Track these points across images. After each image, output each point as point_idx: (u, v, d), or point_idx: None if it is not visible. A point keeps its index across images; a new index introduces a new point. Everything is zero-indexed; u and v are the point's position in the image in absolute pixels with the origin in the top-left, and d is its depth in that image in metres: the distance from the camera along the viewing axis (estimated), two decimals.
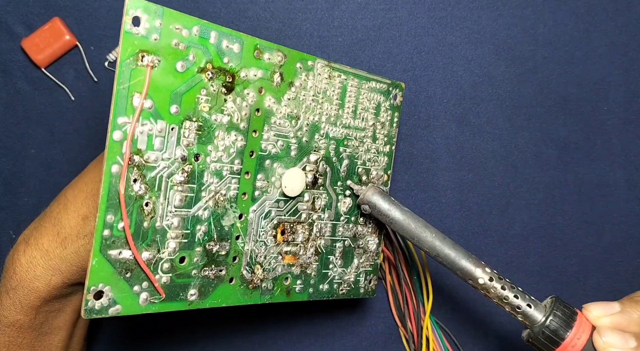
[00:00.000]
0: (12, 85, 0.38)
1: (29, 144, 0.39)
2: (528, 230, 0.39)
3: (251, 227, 0.28)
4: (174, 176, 0.24)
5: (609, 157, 0.39)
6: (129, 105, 0.23)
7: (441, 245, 0.29)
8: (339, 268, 0.32)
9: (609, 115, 0.39)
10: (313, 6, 0.39)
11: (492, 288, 0.28)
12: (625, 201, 0.39)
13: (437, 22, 0.39)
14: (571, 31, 0.39)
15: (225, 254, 0.27)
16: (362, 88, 0.32)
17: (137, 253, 0.23)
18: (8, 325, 0.28)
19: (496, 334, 0.39)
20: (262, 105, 0.27)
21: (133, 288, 0.23)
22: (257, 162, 0.27)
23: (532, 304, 0.27)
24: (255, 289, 0.28)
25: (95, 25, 0.38)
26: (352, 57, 0.39)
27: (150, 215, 0.24)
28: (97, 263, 0.22)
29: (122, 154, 0.23)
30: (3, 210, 0.39)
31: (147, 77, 0.23)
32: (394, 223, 0.29)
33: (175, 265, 0.25)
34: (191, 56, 0.24)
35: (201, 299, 0.26)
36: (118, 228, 0.23)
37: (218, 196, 0.26)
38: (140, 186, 0.23)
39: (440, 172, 0.39)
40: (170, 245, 0.25)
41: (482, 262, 0.28)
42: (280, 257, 0.29)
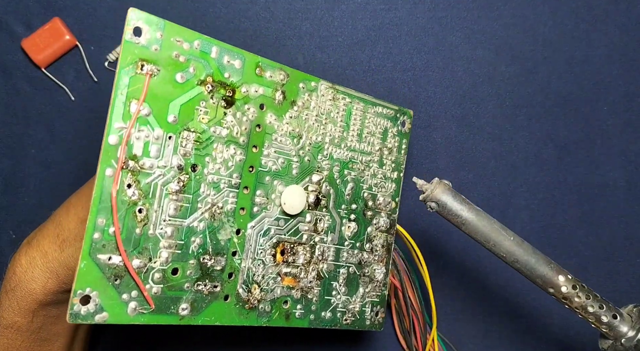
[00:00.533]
0: (12, 85, 0.38)
1: (29, 144, 0.39)
2: (528, 230, 0.39)
3: (249, 243, 0.27)
4: (169, 184, 0.24)
5: (609, 157, 0.39)
6: (126, 111, 0.23)
7: (520, 249, 0.26)
8: (342, 295, 0.31)
9: (609, 115, 0.39)
10: (313, 6, 0.39)
11: (575, 297, 0.25)
12: (625, 201, 0.39)
13: (437, 22, 0.39)
14: (571, 31, 0.39)
15: (220, 269, 0.26)
16: (368, 112, 0.32)
17: (127, 260, 0.23)
18: (6, 326, 0.28)
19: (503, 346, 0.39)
20: (263, 121, 0.27)
21: (122, 296, 0.23)
22: (256, 178, 0.27)
23: (618, 315, 0.25)
24: (252, 310, 0.27)
25: (95, 25, 0.38)
26: (352, 57, 0.39)
27: (143, 222, 0.24)
28: (85, 267, 0.22)
29: (117, 158, 0.23)
30: (3, 209, 0.39)
31: (146, 85, 0.23)
32: (466, 224, 0.26)
33: (167, 276, 0.24)
34: (191, 68, 0.25)
35: (193, 315, 0.25)
36: (109, 232, 0.23)
37: (215, 208, 0.26)
38: (135, 191, 0.23)
39: (440, 172, 0.39)
40: (163, 255, 0.24)
41: (564, 269, 0.26)
42: (280, 278, 0.28)
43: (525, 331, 0.39)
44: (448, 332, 0.39)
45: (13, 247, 0.39)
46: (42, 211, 0.39)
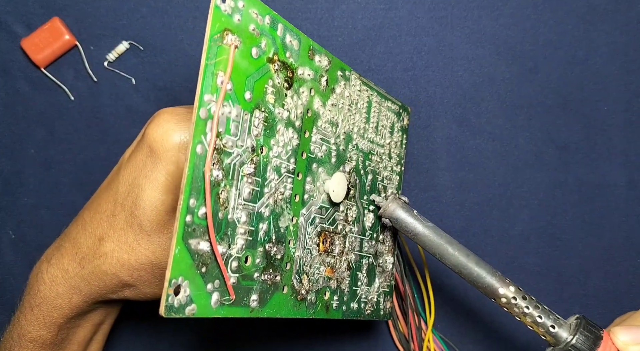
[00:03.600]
0: (12, 85, 0.38)
1: (29, 144, 0.39)
2: (528, 230, 0.39)
3: (301, 232, 0.26)
4: (244, 166, 0.23)
5: (610, 157, 0.39)
6: (214, 83, 0.21)
7: (465, 261, 0.28)
8: (365, 286, 0.31)
9: (610, 115, 0.39)
10: (313, 6, 0.39)
11: (516, 306, 0.27)
12: (626, 201, 0.39)
13: (438, 21, 0.39)
14: (572, 31, 0.39)
15: (280, 258, 0.25)
16: (382, 106, 0.32)
17: (216, 246, 0.21)
18: (31, 340, 0.29)
19: (503, 346, 0.39)
20: (312, 107, 0.27)
21: (207, 286, 0.21)
22: (307, 164, 0.26)
23: (556, 324, 0.27)
24: (303, 301, 0.26)
25: (94, 25, 0.38)
26: (353, 57, 0.39)
27: (224, 205, 0.22)
28: (179, 253, 0.20)
29: (206, 134, 0.21)
30: (2, 210, 0.39)
31: (231, 58, 0.22)
32: (416, 238, 0.29)
33: (242, 265, 0.23)
34: (263, 44, 0.23)
35: (260, 307, 0.24)
36: (199, 214, 0.21)
37: (277, 194, 0.25)
38: (219, 172, 0.22)
39: (441, 172, 0.39)
40: (239, 242, 0.23)
41: (507, 279, 0.28)
42: (323, 267, 0.27)
43: (525, 331, 0.39)
44: (448, 332, 0.39)
45: (13, 247, 0.39)
46: (41, 211, 0.39)
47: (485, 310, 0.39)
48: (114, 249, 0.27)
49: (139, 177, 0.27)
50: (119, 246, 0.27)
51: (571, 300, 0.39)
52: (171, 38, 0.38)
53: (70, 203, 0.39)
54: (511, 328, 0.39)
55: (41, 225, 0.39)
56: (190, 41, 0.38)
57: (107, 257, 0.27)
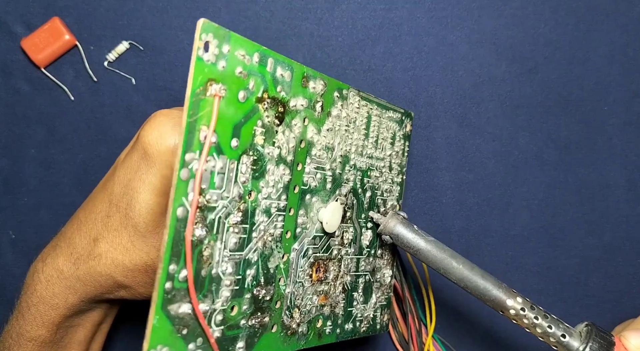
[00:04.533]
0: (12, 85, 0.38)
1: (29, 144, 0.39)
2: (528, 230, 0.39)
3: (292, 267, 0.26)
4: (230, 216, 0.22)
5: (610, 157, 0.39)
6: (196, 140, 0.20)
7: (470, 275, 0.28)
8: (360, 304, 0.30)
9: (610, 115, 0.39)
10: (313, 6, 0.39)
11: (525, 318, 0.27)
12: (626, 201, 0.39)
13: (438, 21, 0.39)
14: (572, 31, 0.39)
15: (269, 299, 0.24)
16: (383, 117, 0.31)
17: (198, 307, 0.21)
18: (29, 339, 0.29)
19: (503, 349, 0.39)
20: (305, 137, 0.26)
21: (188, 347, 0.20)
22: (299, 197, 0.26)
23: (566, 333, 0.27)
24: (293, 335, 0.26)
25: (94, 25, 0.38)
26: (352, 57, 0.39)
27: (208, 262, 0.21)
28: (158, 322, 0.19)
29: (187, 195, 0.20)
30: (2, 210, 0.39)
31: (215, 109, 0.21)
32: (418, 253, 0.28)
33: (227, 316, 0.22)
34: (251, 85, 0.22)
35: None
36: (179, 278, 0.20)
37: (267, 236, 0.24)
38: (202, 230, 0.21)
39: (441, 172, 0.39)
40: (224, 294, 0.22)
41: (513, 291, 0.27)
42: (316, 297, 0.27)
43: (524, 335, 0.39)
44: (448, 333, 0.39)
45: (13, 247, 0.39)
46: (41, 211, 0.39)
47: (484, 313, 0.39)
48: (109, 250, 0.27)
49: (133, 179, 0.27)
50: (114, 247, 0.27)
51: (571, 300, 0.39)
52: (171, 38, 0.38)
53: (70, 203, 0.39)
54: (510, 331, 0.39)
55: (41, 225, 0.39)
56: (190, 41, 0.38)
57: (101, 257, 0.27)
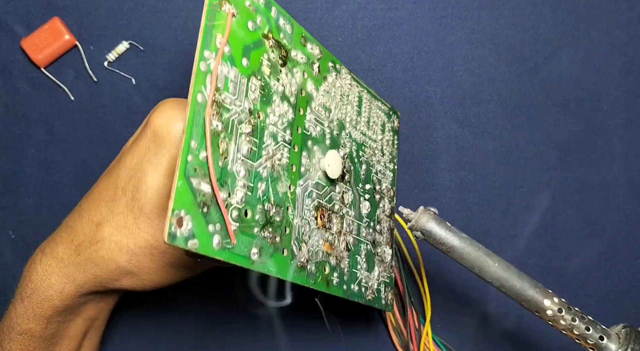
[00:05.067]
0: (12, 85, 0.38)
1: (28, 144, 0.39)
2: (529, 230, 0.39)
3: (299, 201, 0.27)
4: (242, 124, 0.24)
5: (610, 157, 0.39)
6: (213, 43, 0.23)
7: (505, 275, 0.26)
8: (364, 271, 0.31)
9: (610, 115, 0.39)
10: (313, 6, 0.39)
11: (561, 319, 0.26)
12: (626, 201, 0.39)
13: (438, 21, 0.39)
14: (572, 31, 0.39)
15: (279, 221, 0.25)
16: (372, 104, 0.33)
17: (217, 187, 0.22)
18: (20, 332, 0.28)
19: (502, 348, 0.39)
20: (305, 88, 0.28)
21: (208, 227, 0.22)
22: (302, 139, 0.27)
23: (604, 335, 0.26)
24: (302, 269, 0.26)
25: (94, 25, 0.38)
26: (352, 57, 0.39)
27: (224, 155, 0.23)
28: (181, 186, 0.21)
29: (206, 85, 0.22)
30: (2, 210, 0.39)
31: (229, 22, 0.23)
32: (452, 252, 0.27)
33: (242, 216, 0.23)
34: (258, 20, 0.25)
35: (261, 262, 0.24)
36: (200, 157, 0.21)
37: (274, 159, 0.26)
38: (218, 123, 0.23)
39: (441, 172, 0.39)
40: (239, 194, 0.23)
41: (549, 291, 0.27)
42: (322, 241, 0.28)
43: (526, 332, 0.39)
44: (448, 333, 0.39)
45: (13, 247, 0.39)
46: (41, 211, 0.39)
47: (483, 313, 0.39)
48: (112, 233, 0.27)
49: (142, 161, 0.27)
50: (118, 230, 0.27)
51: (571, 300, 0.39)
52: (171, 38, 0.38)
53: (70, 203, 0.38)
54: (510, 329, 0.39)
55: (41, 225, 0.39)
56: (191, 41, 0.38)
57: (105, 241, 0.27)
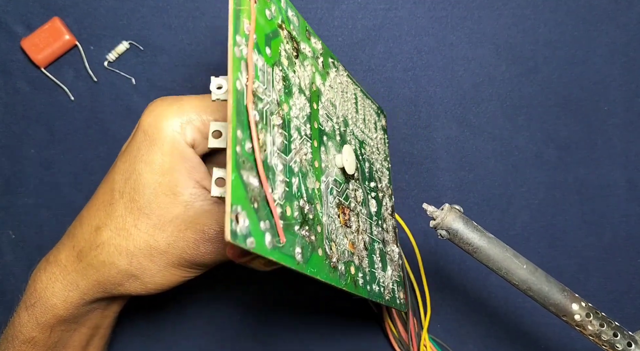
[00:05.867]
0: (12, 85, 0.38)
1: (29, 144, 0.39)
2: (529, 230, 0.39)
3: (324, 198, 0.25)
4: (273, 116, 0.23)
5: (610, 157, 0.39)
6: (242, 28, 0.22)
7: (533, 278, 0.26)
8: (380, 271, 0.30)
9: (610, 115, 0.39)
10: (313, 6, 0.39)
11: (589, 324, 0.25)
12: (626, 201, 0.39)
13: (438, 21, 0.39)
14: (572, 31, 0.39)
15: (312, 218, 0.24)
16: (365, 102, 0.33)
17: (266, 180, 0.20)
18: (24, 341, 0.28)
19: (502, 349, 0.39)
20: (315, 81, 0.27)
21: (260, 224, 0.20)
22: (319, 134, 0.26)
23: (632, 341, 0.25)
24: (335, 269, 0.25)
25: (94, 25, 0.38)
26: (352, 57, 0.39)
27: (263, 148, 0.21)
28: (235, 180, 0.19)
29: (242, 72, 0.21)
30: (2, 210, 0.39)
31: (253, 7, 0.23)
32: (478, 252, 0.26)
33: (284, 213, 0.22)
34: (273, 9, 0.25)
35: (304, 262, 0.22)
36: (246, 148, 0.20)
37: (302, 154, 0.24)
38: (255, 112, 0.21)
39: (441, 172, 0.39)
40: (279, 189, 0.22)
41: (577, 296, 0.26)
42: (346, 240, 0.26)
43: (525, 332, 0.39)
44: (447, 333, 0.39)
45: (13, 247, 0.39)
46: (41, 211, 0.39)
47: (482, 314, 0.39)
48: (111, 236, 0.27)
49: (135, 162, 0.27)
50: (116, 233, 0.27)
51: None
52: (171, 38, 0.38)
53: (70, 203, 0.39)
54: (510, 331, 0.39)
55: (41, 225, 0.39)
56: (190, 41, 0.38)
57: (104, 245, 0.27)
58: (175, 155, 0.27)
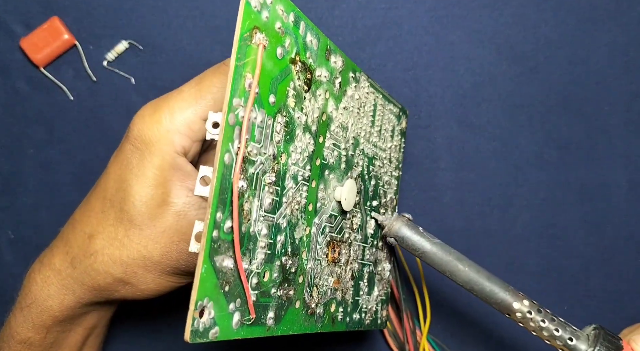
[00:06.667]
0: (11, 84, 0.38)
1: (28, 144, 0.39)
2: (529, 230, 0.39)
3: (313, 242, 0.25)
4: (266, 175, 0.21)
5: (611, 157, 0.39)
6: (242, 87, 0.20)
7: (476, 277, 0.27)
8: (365, 295, 0.30)
9: (611, 115, 0.39)
10: (313, 5, 0.39)
11: (532, 321, 0.27)
12: (627, 201, 0.39)
13: (438, 21, 0.39)
14: (573, 30, 0.39)
15: (294, 272, 0.24)
16: (385, 108, 0.32)
17: (241, 261, 0.20)
18: (20, 341, 0.28)
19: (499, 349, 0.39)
20: (326, 110, 0.26)
21: (229, 306, 0.19)
22: (320, 170, 0.25)
23: (574, 336, 0.26)
24: (312, 315, 0.25)
25: (94, 24, 0.38)
26: (353, 57, 0.39)
27: (247, 218, 0.20)
28: (205, 272, 0.18)
29: (233, 141, 0.19)
30: (1, 210, 0.39)
31: (260, 58, 0.20)
32: (424, 256, 0.28)
33: (261, 281, 0.21)
34: (287, 43, 0.22)
35: (275, 324, 0.22)
36: (224, 229, 0.19)
37: (294, 203, 0.23)
38: (243, 182, 0.20)
39: (441, 172, 0.39)
40: (259, 256, 0.21)
41: (520, 293, 0.27)
42: (331, 278, 0.26)
43: (525, 332, 0.39)
44: (441, 334, 0.39)
45: (12, 248, 0.39)
46: (40, 211, 0.39)
47: (478, 314, 0.39)
48: (104, 246, 0.27)
49: (125, 172, 0.27)
50: (109, 242, 0.27)
51: (572, 301, 0.39)
52: (171, 38, 0.38)
53: (70, 203, 0.38)
54: (507, 332, 0.39)
55: (40, 225, 0.39)
56: (190, 41, 0.38)
57: (97, 254, 0.27)
58: (166, 168, 0.26)
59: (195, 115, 0.26)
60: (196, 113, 0.26)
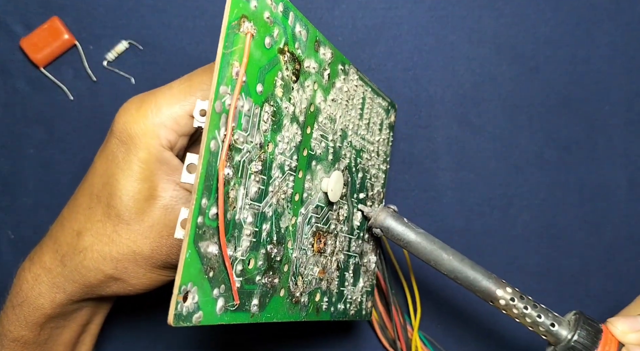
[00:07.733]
0: (11, 84, 0.38)
1: (28, 144, 0.39)
2: (529, 230, 0.39)
3: (299, 232, 0.25)
4: (252, 163, 0.22)
5: (611, 157, 0.39)
6: (229, 75, 0.20)
7: (460, 266, 0.28)
8: (351, 286, 0.30)
9: (611, 115, 0.39)
10: (313, 5, 0.39)
11: (514, 307, 0.27)
12: (627, 201, 0.39)
13: (438, 21, 0.39)
14: (573, 30, 0.39)
15: (279, 260, 0.24)
16: (374, 102, 0.32)
17: (226, 248, 0.20)
18: (13, 339, 0.28)
19: (490, 344, 0.39)
20: (314, 101, 0.26)
21: (213, 292, 0.20)
22: (307, 161, 0.26)
23: (555, 322, 0.27)
24: (297, 304, 0.25)
25: (93, 24, 0.38)
26: (353, 57, 0.39)
27: (232, 205, 0.21)
28: (190, 257, 0.19)
29: (220, 128, 0.20)
30: (1, 210, 0.39)
31: (247, 46, 0.21)
32: (409, 246, 0.29)
33: (245, 268, 0.22)
34: (275, 33, 0.22)
35: (260, 311, 0.23)
36: (209, 216, 0.20)
37: (280, 193, 0.24)
38: (229, 170, 0.20)
39: (441, 172, 0.39)
40: (244, 244, 0.22)
41: (503, 281, 0.28)
42: (316, 268, 0.27)
43: (524, 332, 0.39)
44: (432, 331, 0.39)
45: (12, 247, 0.39)
46: (40, 211, 0.39)
47: (470, 308, 0.39)
48: (94, 242, 0.27)
49: (111, 167, 0.26)
50: (98, 238, 0.26)
51: (572, 300, 0.39)
52: (171, 37, 0.38)
53: None
54: (497, 325, 0.39)
55: (40, 225, 0.39)
56: (190, 41, 0.38)
57: (87, 251, 0.27)
58: (152, 162, 0.26)
59: (183, 110, 0.26)
60: (184, 109, 0.26)
